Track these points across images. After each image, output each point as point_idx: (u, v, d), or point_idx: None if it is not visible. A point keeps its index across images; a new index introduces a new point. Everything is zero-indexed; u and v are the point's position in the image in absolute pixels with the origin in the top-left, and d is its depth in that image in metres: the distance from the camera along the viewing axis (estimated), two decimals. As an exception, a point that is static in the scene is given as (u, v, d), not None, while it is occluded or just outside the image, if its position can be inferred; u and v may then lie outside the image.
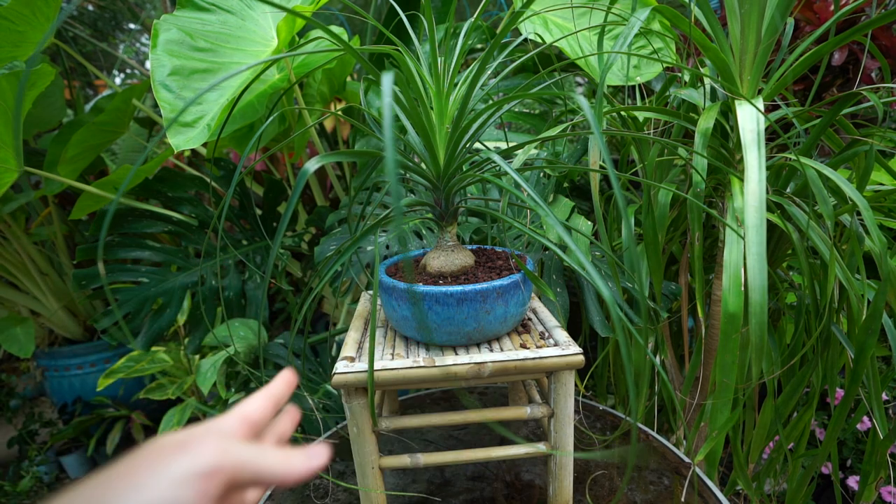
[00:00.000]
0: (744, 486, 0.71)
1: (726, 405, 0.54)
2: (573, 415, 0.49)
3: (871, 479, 0.70)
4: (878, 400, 0.64)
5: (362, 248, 0.80)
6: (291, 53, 0.36)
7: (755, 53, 0.59)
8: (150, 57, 0.75)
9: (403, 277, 0.52)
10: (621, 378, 0.91)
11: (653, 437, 0.70)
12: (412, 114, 0.45)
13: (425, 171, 0.50)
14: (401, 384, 0.48)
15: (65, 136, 1.13)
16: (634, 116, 0.78)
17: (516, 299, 0.49)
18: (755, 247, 0.47)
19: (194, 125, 0.74)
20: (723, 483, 1.06)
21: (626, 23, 0.53)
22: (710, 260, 0.82)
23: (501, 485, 0.61)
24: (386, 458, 0.50)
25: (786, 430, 0.74)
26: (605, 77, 0.46)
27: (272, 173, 1.44)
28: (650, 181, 0.58)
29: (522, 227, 0.47)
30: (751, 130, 0.51)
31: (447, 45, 0.45)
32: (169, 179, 1.14)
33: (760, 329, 0.47)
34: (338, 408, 0.93)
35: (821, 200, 0.56)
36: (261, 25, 0.91)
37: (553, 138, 0.60)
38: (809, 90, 0.87)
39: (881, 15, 0.51)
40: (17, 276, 1.46)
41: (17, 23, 0.77)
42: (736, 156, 0.65)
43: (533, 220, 0.84)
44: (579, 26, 0.98)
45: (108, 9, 2.32)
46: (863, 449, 0.99)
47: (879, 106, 0.56)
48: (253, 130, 1.08)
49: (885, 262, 0.54)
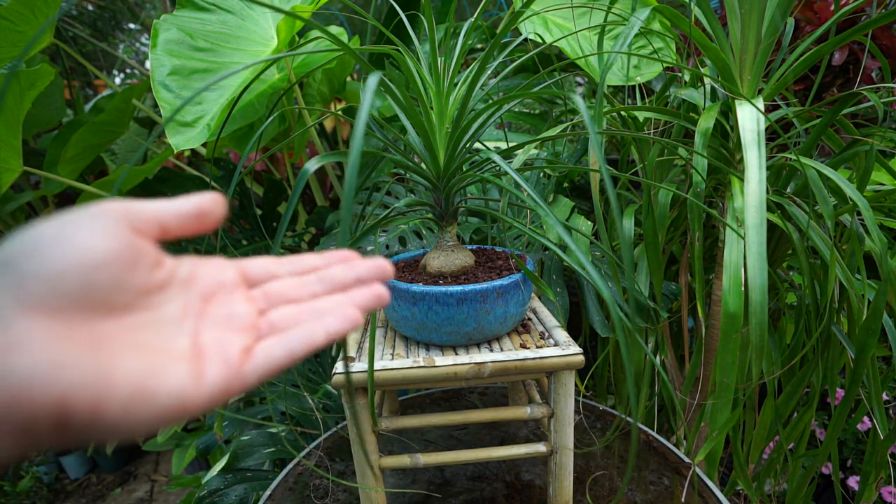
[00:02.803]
0: (744, 486, 0.71)
1: (726, 405, 0.54)
2: (573, 415, 0.49)
3: (872, 480, 0.70)
4: (878, 400, 0.64)
5: (362, 248, 0.80)
6: (291, 53, 0.36)
7: (755, 53, 0.59)
8: (150, 57, 0.75)
9: (403, 277, 0.52)
10: (621, 378, 0.91)
11: (653, 437, 0.70)
12: (412, 114, 0.45)
13: (425, 171, 0.50)
14: (401, 384, 0.47)
15: (65, 136, 1.12)
16: (634, 116, 0.78)
17: (516, 299, 0.49)
18: (755, 247, 0.47)
19: (194, 125, 0.74)
20: (723, 483, 1.06)
21: (626, 23, 0.53)
22: (710, 260, 0.82)
23: (501, 485, 0.61)
24: (386, 458, 0.50)
25: (786, 431, 0.74)
26: (605, 77, 0.46)
27: (272, 173, 1.44)
28: (650, 181, 0.58)
29: (522, 227, 0.47)
30: (751, 130, 0.51)
31: (447, 45, 0.45)
32: (169, 179, 1.14)
33: (760, 329, 0.47)
34: (338, 408, 0.93)
35: (821, 200, 0.56)
36: (261, 25, 0.91)
37: (553, 138, 0.60)
38: (810, 90, 0.87)
39: (881, 15, 0.51)
40: (17, 276, 1.45)
41: (17, 23, 0.77)
42: (736, 156, 0.65)
43: (533, 220, 0.84)
44: (579, 26, 0.98)
45: (108, 9, 2.32)
46: (863, 449, 0.99)
47: (880, 106, 0.56)
48: (253, 130, 1.08)
49: (885, 262, 0.54)
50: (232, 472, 0.73)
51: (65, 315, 0.18)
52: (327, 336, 0.22)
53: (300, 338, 0.22)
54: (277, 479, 0.64)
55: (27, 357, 0.16)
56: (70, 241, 0.18)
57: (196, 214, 0.22)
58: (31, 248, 0.18)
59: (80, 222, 0.19)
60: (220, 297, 0.23)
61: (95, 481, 1.62)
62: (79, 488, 1.59)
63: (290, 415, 0.87)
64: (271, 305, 0.24)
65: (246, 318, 0.22)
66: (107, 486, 1.60)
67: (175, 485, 1.09)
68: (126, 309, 0.20)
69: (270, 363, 0.21)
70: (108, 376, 0.17)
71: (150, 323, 0.20)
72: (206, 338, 0.21)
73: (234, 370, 0.20)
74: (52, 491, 1.56)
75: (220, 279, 0.23)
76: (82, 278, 0.18)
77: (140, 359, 0.19)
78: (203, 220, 0.23)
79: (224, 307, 0.22)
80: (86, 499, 1.55)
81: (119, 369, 0.18)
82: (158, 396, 0.18)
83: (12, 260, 0.18)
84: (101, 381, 0.17)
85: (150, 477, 1.61)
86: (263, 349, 0.21)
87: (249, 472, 0.75)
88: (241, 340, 0.21)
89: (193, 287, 0.22)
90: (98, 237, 0.19)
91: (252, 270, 0.25)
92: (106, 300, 0.19)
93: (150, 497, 1.53)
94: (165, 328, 0.20)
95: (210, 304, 0.22)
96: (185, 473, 1.32)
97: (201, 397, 0.19)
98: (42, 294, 0.18)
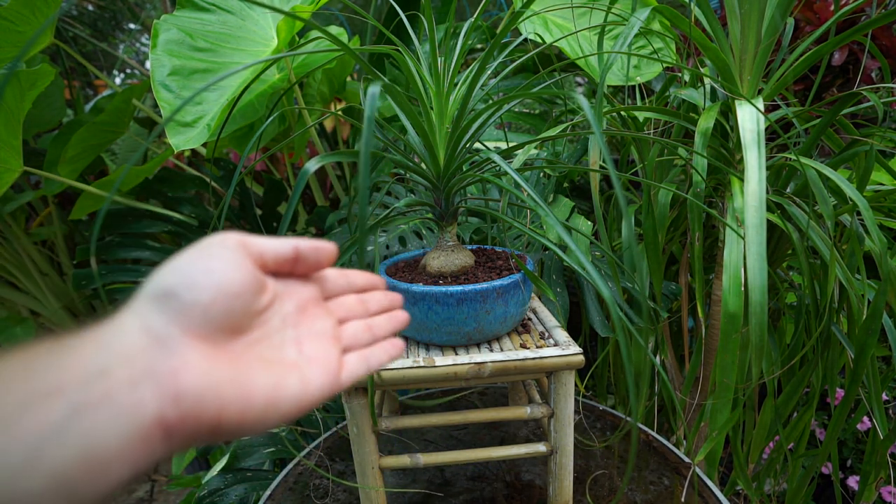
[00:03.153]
0: (744, 486, 0.71)
1: (726, 405, 0.54)
2: (573, 415, 0.49)
3: (872, 480, 0.70)
4: (878, 400, 0.64)
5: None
6: (291, 53, 0.36)
7: (755, 53, 0.59)
8: (150, 57, 0.75)
9: (403, 277, 0.52)
10: (621, 378, 0.91)
11: (653, 437, 0.70)
12: (412, 114, 0.45)
13: (425, 171, 0.50)
14: (401, 384, 0.48)
15: (65, 136, 1.12)
16: (634, 116, 0.78)
17: (516, 299, 0.49)
18: (755, 247, 0.47)
19: (194, 125, 0.74)
20: (723, 483, 1.06)
21: (626, 23, 0.53)
22: (710, 260, 0.82)
23: (501, 485, 0.61)
24: (386, 458, 0.50)
25: (786, 430, 0.74)
26: (605, 77, 0.46)
27: (272, 173, 1.44)
28: (650, 181, 0.58)
29: (522, 227, 0.47)
30: (751, 130, 0.51)
31: (447, 45, 0.45)
32: (169, 179, 1.14)
33: (760, 329, 0.47)
34: (338, 408, 0.93)
35: (821, 200, 0.56)
36: (261, 25, 0.91)
37: (553, 138, 0.60)
38: (809, 90, 0.87)
39: (881, 15, 0.51)
40: (17, 276, 1.46)
41: (17, 23, 0.77)
42: (736, 156, 0.65)
43: (533, 220, 0.84)
44: (579, 26, 0.98)
45: (108, 9, 2.32)
46: (863, 449, 0.99)
47: (879, 106, 0.56)
48: (253, 130, 1.08)
49: (885, 262, 0.54)
50: (232, 472, 0.73)
51: (211, 338, 0.21)
52: (389, 359, 0.28)
53: (376, 357, 0.28)
54: (277, 479, 0.64)
55: (194, 378, 0.19)
56: (214, 272, 0.22)
57: (292, 258, 0.25)
58: (188, 280, 0.21)
59: (216, 255, 0.22)
60: (310, 309, 0.27)
61: (95, 481, 1.62)
62: (79, 488, 1.59)
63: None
64: (344, 318, 0.28)
65: (331, 329, 0.27)
66: (107, 486, 1.60)
67: (175, 485, 1.09)
68: (247, 328, 0.23)
69: (356, 374, 0.26)
70: (249, 391, 0.21)
71: (264, 337, 0.24)
72: (308, 348, 0.25)
73: (334, 377, 0.25)
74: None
75: (307, 295, 0.27)
76: (226, 306, 0.22)
77: (267, 373, 0.22)
78: (298, 264, 0.26)
79: (314, 320, 0.26)
80: (86, 499, 1.55)
81: (256, 385, 0.21)
82: (282, 404, 0.22)
83: (174, 292, 0.21)
84: (245, 395, 0.21)
85: (150, 477, 1.61)
86: (351, 361, 0.26)
87: (249, 471, 0.75)
88: (335, 350, 0.26)
89: (287, 301, 0.26)
90: (233, 269, 0.22)
91: (328, 284, 0.29)
92: (238, 323, 0.22)
93: (150, 497, 1.53)
94: (275, 340, 0.24)
95: (303, 316, 0.26)
96: (185, 473, 1.32)
97: (309, 400, 0.23)
98: (198, 321, 0.21)
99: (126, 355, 0.19)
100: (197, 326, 0.21)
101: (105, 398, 0.17)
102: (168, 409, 0.18)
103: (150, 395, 0.18)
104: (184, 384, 0.19)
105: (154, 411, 0.18)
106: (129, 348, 0.19)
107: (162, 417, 0.18)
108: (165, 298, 0.20)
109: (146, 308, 0.20)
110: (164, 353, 0.19)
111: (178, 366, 0.19)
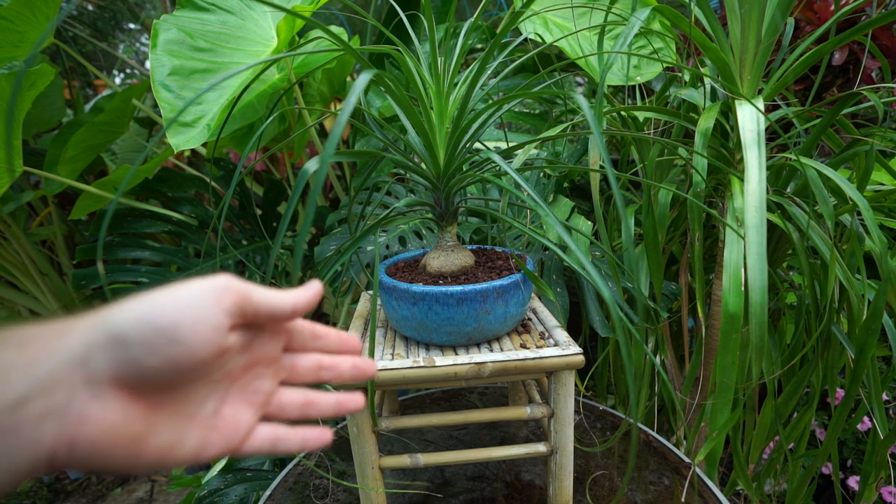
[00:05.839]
0: (744, 487, 0.71)
1: (726, 405, 0.54)
2: (573, 415, 0.49)
3: (872, 480, 0.69)
4: (878, 400, 0.64)
5: (362, 247, 0.80)
6: (291, 53, 0.36)
7: (755, 53, 0.59)
8: (150, 57, 0.75)
9: (403, 277, 0.52)
10: (621, 378, 0.91)
11: (653, 437, 0.70)
12: (412, 114, 0.45)
13: (425, 171, 0.50)
14: (401, 384, 0.47)
15: (64, 136, 1.12)
16: (634, 116, 0.77)
17: (516, 299, 0.49)
18: (755, 247, 0.47)
19: (194, 125, 0.74)
20: (723, 483, 1.06)
21: (626, 23, 0.53)
22: (710, 260, 0.82)
23: (501, 485, 0.61)
24: (386, 458, 0.50)
25: (786, 431, 0.74)
26: (605, 77, 0.46)
27: (272, 173, 1.44)
28: (650, 181, 0.58)
29: (522, 227, 0.47)
30: (751, 130, 0.51)
31: (447, 44, 0.45)
32: (169, 179, 1.14)
33: (760, 329, 0.47)
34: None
35: (821, 200, 0.56)
36: (261, 25, 0.91)
37: (553, 138, 0.60)
38: (810, 90, 0.87)
39: (881, 15, 0.51)
40: (16, 276, 1.46)
41: (17, 23, 0.77)
42: (736, 156, 0.65)
43: (533, 220, 0.84)
44: (579, 26, 0.98)
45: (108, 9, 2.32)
46: (863, 449, 0.99)
47: (880, 106, 0.55)
48: (253, 130, 1.08)
49: (885, 262, 0.54)
50: (232, 472, 0.73)
51: (140, 391, 0.21)
52: (300, 450, 0.27)
53: (286, 443, 0.27)
54: (277, 479, 0.64)
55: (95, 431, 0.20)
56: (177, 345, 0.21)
57: (289, 314, 0.25)
58: (148, 341, 0.21)
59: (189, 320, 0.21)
60: (256, 368, 0.26)
61: (95, 481, 1.62)
62: (79, 488, 1.59)
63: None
64: (288, 380, 0.28)
65: (264, 393, 0.27)
66: (107, 486, 1.60)
67: (175, 485, 1.09)
68: (183, 384, 0.23)
69: (258, 450, 0.26)
70: (141, 450, 0.21)
71: (193, 391, 0.24)
72: (227, 409, 0.25)
73: (234, 448, 0.25)
74: (52, 491, 1.56)
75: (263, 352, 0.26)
76: (171, 374, 0.21)
77: (170, 430, 0.23)
78: (293, 316, 0.26)
79: (253, 379, 0.26)
80: (86, 499, 1.55)
81: (151, 444, 0.22)
82: (171, 461, 0.23)
83: (129, 346, 0.20)
84: (135, 454, 0.21)
85: (150, 477, 1.61)
86: (260, 435, 0.26)
87: (249, 471, 0.75)
88: (251, 419, 0.26)
89: (238, 357, 0.25)
90: (199, 343, 0.21)
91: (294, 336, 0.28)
92: (176, 382, 0.22)
93: (150, 497, 1.53)
94: (201, 394, 0.24)
95: (246, 373, 0.26)
96: (185, 473, 1.32)
97: (203, 459, 0.24)
98: (137, 378, 0.21)
99: (51, 381, 0.20)
100: (132, 380, 0.21)
101: (12, 430, 0.19)
102: (61, 451, 0.20)
103: (51, 435, 0.19)
104: (84, 434, 0.20)
105: (48, 449, 0.19)
106: (58, 374, 0.20)
107: (53, 456, 0.19)
108: (119, 346, 0.20)
109: (99, 339, 0.20)
110: (83, 394, 0.20)
111: (88, 414, 0.20)
